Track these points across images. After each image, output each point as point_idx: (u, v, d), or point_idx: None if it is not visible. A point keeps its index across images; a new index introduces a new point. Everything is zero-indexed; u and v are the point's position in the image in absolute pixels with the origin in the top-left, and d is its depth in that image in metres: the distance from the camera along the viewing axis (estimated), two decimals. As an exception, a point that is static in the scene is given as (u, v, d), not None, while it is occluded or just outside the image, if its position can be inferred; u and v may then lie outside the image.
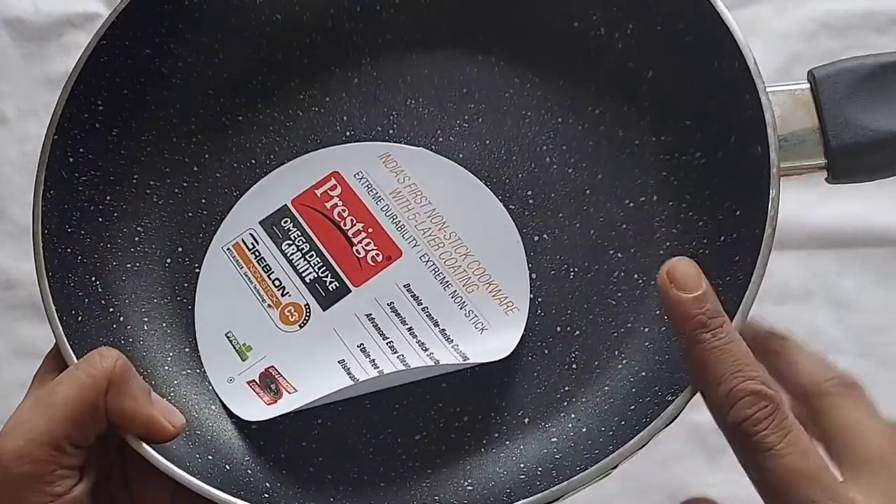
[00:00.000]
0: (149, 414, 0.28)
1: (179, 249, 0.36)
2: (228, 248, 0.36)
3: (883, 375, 0.46)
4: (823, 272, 0.48)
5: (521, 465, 0.31)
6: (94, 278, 0.34)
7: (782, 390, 0.29)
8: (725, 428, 0.26)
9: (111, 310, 0.34)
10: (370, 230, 0.35)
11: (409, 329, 0.34)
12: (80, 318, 0.32)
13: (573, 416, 0.32)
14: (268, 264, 0.35)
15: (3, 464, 0.26)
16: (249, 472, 0.32)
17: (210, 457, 0.31)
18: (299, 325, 0.34)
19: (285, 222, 0.36)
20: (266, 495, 0.31)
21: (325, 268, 0.35)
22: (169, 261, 0.36)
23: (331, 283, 0.35)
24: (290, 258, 0.35)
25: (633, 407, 0.31)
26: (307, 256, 0.35)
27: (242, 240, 0.36)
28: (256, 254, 0.35)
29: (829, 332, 0.47)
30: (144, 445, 0.28)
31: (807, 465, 0.25)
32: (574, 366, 0.33)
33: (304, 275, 0.35)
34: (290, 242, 0.35)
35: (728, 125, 0.33)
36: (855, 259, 0.48)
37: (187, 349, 0.34)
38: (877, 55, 0.31)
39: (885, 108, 0.30)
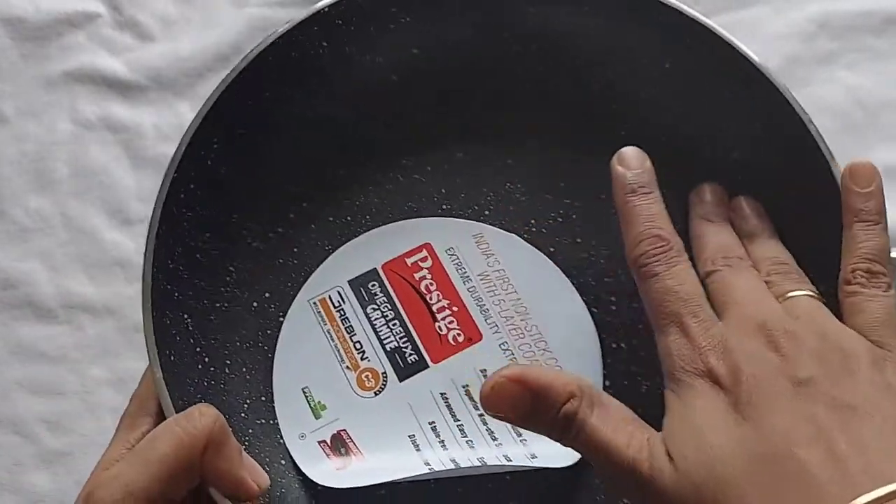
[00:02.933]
0: (240, 476, 0.29)
1: (267, 296, 0.36)
2: (315, 302, 0.36)
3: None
4: None
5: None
6: (186, 316, 0.34)
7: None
8: (631, 263, 0.32)
9: (198, 350, 0.34)
10: (454, 309, 0.36)
11: (481, 416, 0.35)
12: (172, 358, 0.33)
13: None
14: (351, 325, 0.36)
15: None
16: (314, 533, 0.33)
17: (278, 514, 0.32)
18: (374, 393, 0.35)
19: (373, 286, 0.37)
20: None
21: (406, 338, 0.36)
22: (255, 305, 0.36)
23: (410, 355, 0.36)
24: (374, 323, 0.36)
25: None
26: (390, 324, 0.36)
27: (329, 296, 0.36)
28: (341, 312, 0.36)
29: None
30: (227, 503, 0.29)
31: (683, 287, 0.31)
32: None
33: (385, 342, 0.36)
34: (376, 307, 0.36)
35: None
36: None
37: (264, 399, 0.35)
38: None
39: None
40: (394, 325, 0.36)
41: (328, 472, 0.34)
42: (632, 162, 0.34)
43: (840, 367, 0.28)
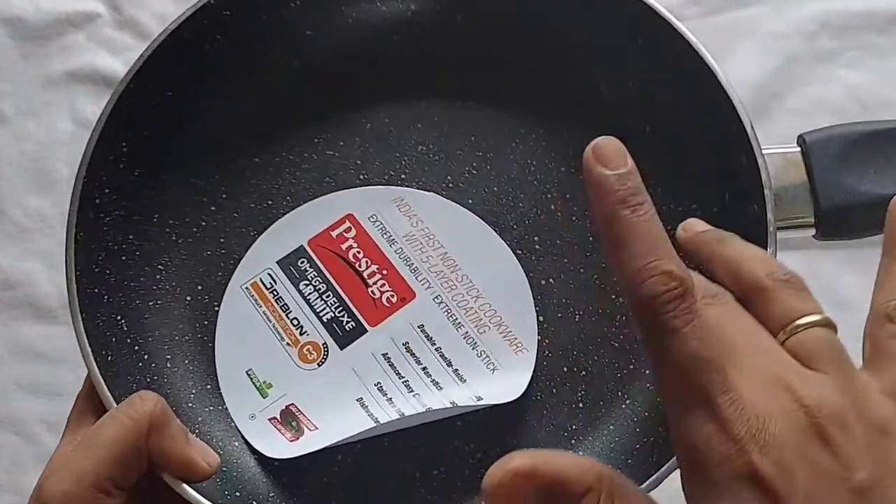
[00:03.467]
0: (187, 454, 0.30)
1: (199, 288, 0.37)
2: (247, 287, 0.37)
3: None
4: (823, 273, 0.48)
5: (536, 501, 0.33)
6: (119, 317, 0.35)
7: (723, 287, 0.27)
8: (634, 304, 0.25)
9: (136, 348, 0.35)
10: (385, 272, 0.37)
11: (424, 368, 0.36)
12: (109, 358, 0.33)
13: (581, 453, 0.34)
14: (286, 303, 0.37)
15: None
16: (275, 507, 0.33)
17: (238, 493, 0.33)
18: (318, 364, 0.36)
19: (302, 262, 0.37)
20: (292, 530, 0.32)
21: (341, 308, 0.36)
22: (189, 299, 0.37)
23: (347, 322, 0.36)
24: (308, 298, 0.37)
25: (637, 446, 0.33)
26: (324, 296, 0.37)
27: (261, 279, 0.37)
28: (274, 293, 0.37)
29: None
30: (183, 485, 0.30)
31: (708, 353, 0.24)
32: (581, 405, 0.35)
33: (321, 314, 0.36)
34: (308, 282, 0.37)
35: (723, 183, 0.36)
36: (855, 259, 0.48)
37: (209, 386, 0.35)
38: (866, 123, 0.34)
39: (874, 172, 0.33)
40: (327, 296, 0.37)
41: (282, 446, 0.34)
42: (614, 159, 0.26)
43: (886, 455, 0.23)
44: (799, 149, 0.35)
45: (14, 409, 0.43)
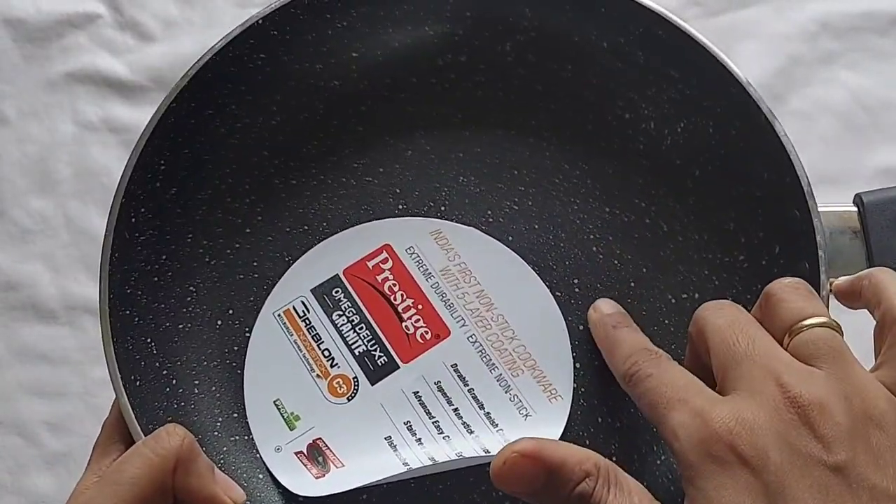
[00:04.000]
0: (213, 491, 0.29)
1: (230, 312, 0.36)
2: (279, 315, 0.36)
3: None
4: None
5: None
6: (149, 340, 0.34)
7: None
8: (623, 380, 0.31)
9: (164, 372, 0.34)
10: (420, 307, 0.36)
11: (455, 410, 0.35)
12: (138, 383, 0.32)
13: (613, 509, 0.33)
14: (318, 333, 0.36)
15: None
16: (298, 545, 0.32)
17: (260, 529, 0.32)
18: (347, 398, 0.35)
19: (336, 292, 0.36)
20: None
21: (374, 342, 0.36)
22: (220, 323, 0.36)
23: (379, 357, 0.36)
24: (340, 329, 0.36)
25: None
26: (357, 329, 0.36)
27: (294, 307, 0.36)
28: (307, 322, 0.36)
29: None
30: (205, 522, 0.29)
31: (681, 379, 0.28)
32: (614, 458, 0.34)
33: (353, 347, 0.36)
34: (341, 313, 0.36)
35: (773, 235, 0.35)
36: None
37: (236, 415, 0.35)
38: (924, 186, 0.33)
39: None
40: (360, 329, 0.36)
41: (307, 482, 0.33)
42: (607, 307, 0.35)
43: (869, 441, 0.25)
44: (856, 209, 0.34)
45: (16, 410, 0.42)
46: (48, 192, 0.46)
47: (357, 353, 0.36)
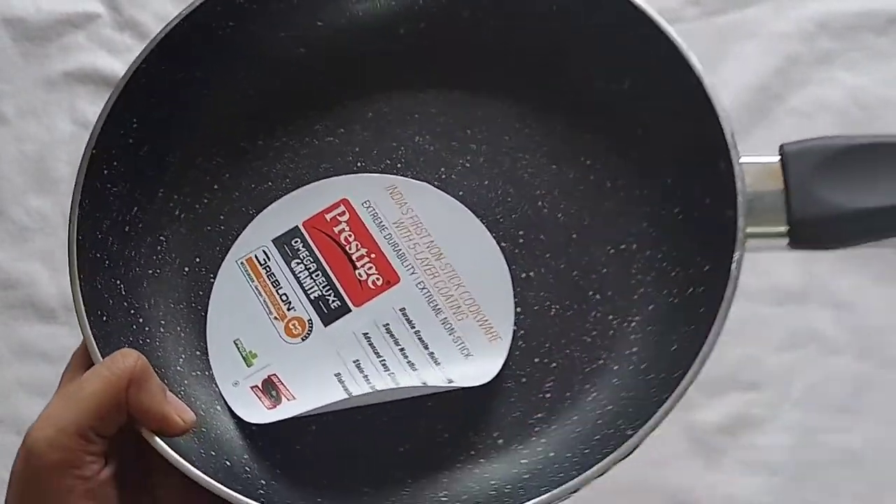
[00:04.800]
0: (163, 410, 0.32)
1: (197, 260, 0.39)
2: (242, 263, 0.39)
3: (882, 376, 0.45)
4: (821, 273, 0.48)
5: (493, 483, 0.35)
6: (118, 282, 0.37)
7: None
8: None
9: (132, 312, 0.37)
10: (373, 256, 0.39)
11: (402, 350, 0.37)
12: (104, 319, 0.35)
13: (543, 441, 0.35)
14: (277, 279, 0.39)
15: (36, 452, 0.29)
16: (248, 469, 0.35)
17: (213, 453, 0.35)
18: (301, 339, 0.38)
19: (295, 242, 0.39)
20: (261, 492, 0.34)
21: (329, 287, 0.38)
22: (187, 270, 0.39)
23: (333, 301, 0.38)
24: (298, 276, 0.39)
25: (597, 437, 0.34)
26: (313, 275, 0.38)
27: (255, 255, 0.39)
28: (267, 269, 0.39)
29: (827, 332, 0.47)
30: (157, 438, 0.32)
31: None
32: (548, 395, 0.36)
33: (309, 292, 0.38)
34: (299, 261, 0.39)
35: (705, 187, 0.37)
36: (853, 259, 0.48)
37: (198, 353, 0.37)
38: (846, 136, 0.35)
39: (849, 187, 0.34)
40: (317, 275, 0.39)
41: (260, 412, 0.36)
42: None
43: None
44: (779, 158, 0.35)
45: (16, 408, 0.43)
46: (47, 190, 0.46)
47: (312, 298, 0.38)
